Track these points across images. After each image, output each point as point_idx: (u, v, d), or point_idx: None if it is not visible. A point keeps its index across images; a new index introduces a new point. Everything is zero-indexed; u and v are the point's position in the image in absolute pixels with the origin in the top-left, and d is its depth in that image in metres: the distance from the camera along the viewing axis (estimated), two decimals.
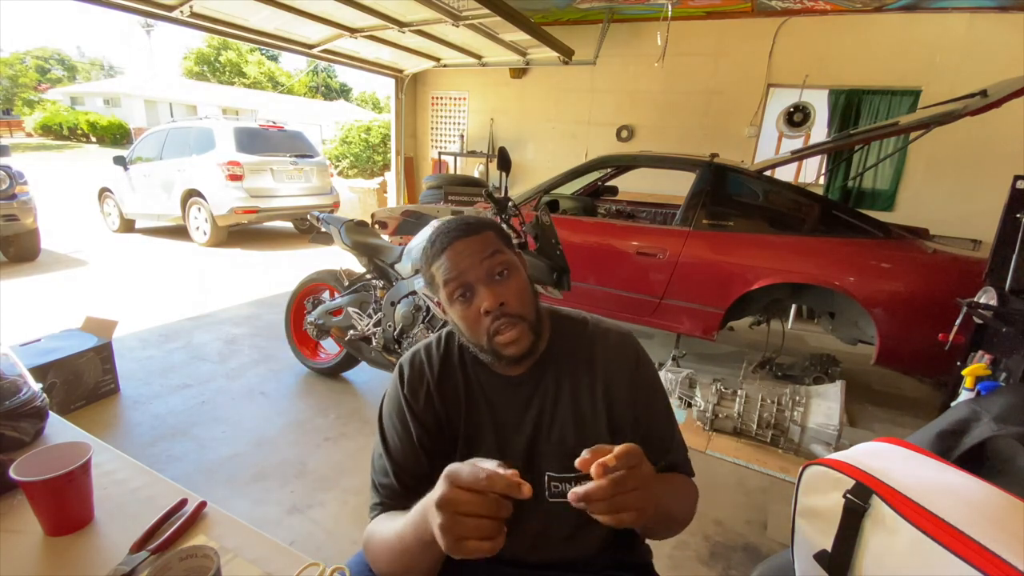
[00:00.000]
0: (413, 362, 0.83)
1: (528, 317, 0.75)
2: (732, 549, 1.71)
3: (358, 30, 4.70)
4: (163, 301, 3.88)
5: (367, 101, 32.76)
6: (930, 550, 0.60)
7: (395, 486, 0.77)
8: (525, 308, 0.75)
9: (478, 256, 0.73)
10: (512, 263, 0.76)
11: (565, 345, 0.82)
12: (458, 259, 0.73)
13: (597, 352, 0.81)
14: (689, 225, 2.90)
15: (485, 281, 0.73)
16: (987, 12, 4.14)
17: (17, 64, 29.43)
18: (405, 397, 0.80)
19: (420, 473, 0.76)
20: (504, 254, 0.75)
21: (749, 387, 2.41)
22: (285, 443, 2.17)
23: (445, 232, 0.76)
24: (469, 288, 0.74)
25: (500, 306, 0.72)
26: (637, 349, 0.83)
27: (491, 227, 0.78)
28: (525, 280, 0.78)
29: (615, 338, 0.83)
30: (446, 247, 0.74)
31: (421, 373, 0.81)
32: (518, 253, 0.80)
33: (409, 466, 0.77)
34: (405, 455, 0.78)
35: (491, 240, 0.76)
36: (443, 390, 0.80)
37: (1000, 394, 1.17)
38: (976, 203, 4.26)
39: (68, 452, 0.71)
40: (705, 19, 5.08)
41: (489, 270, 0.73)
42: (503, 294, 0.73)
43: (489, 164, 6.53)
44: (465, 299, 0.74)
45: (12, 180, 4.33)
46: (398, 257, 2.32)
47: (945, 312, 2.03)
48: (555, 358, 0.81)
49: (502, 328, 0.73)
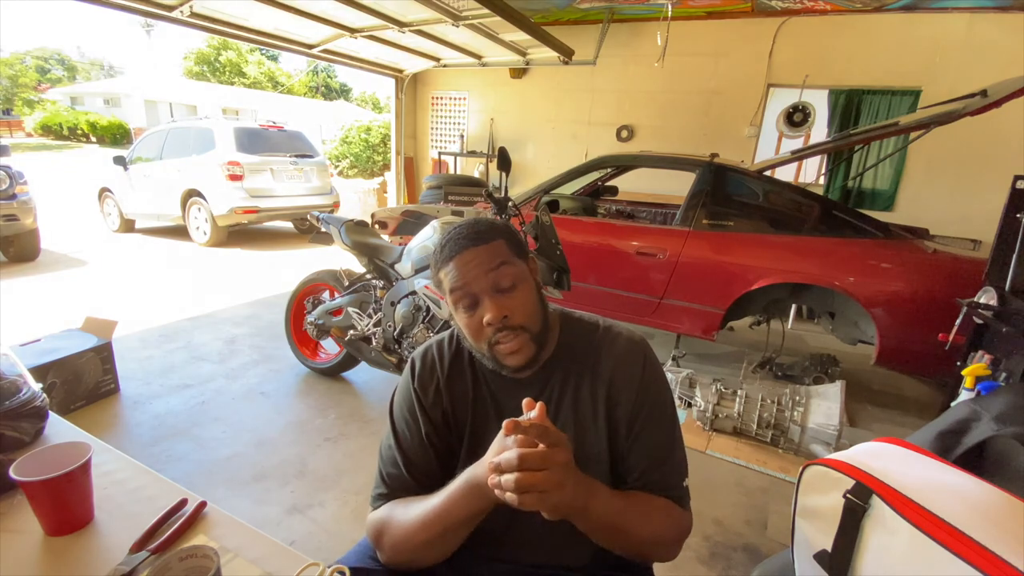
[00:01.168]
0: (425, 357, 0.84)
1: (532, 329, 0.74)
2: (732, 549, 1.71)
3: (358, 30, 4.70)
4: (163, 301, 3.87)
5: (367, 101, 32.76)
6: (930, 550, 0.60)
7: (404, 476, 0.79)
8: (529, 320, 0.74)
9: (484, 267, 0.73)
10: (520, 274, 0.75)
11: (573, 349, 0.81)
12: (465, 269, 0.73)
13: (603, 358, 0.79)
14: (689, 225, 2.90)
15: (490, 293, 0.73)
16: (987, 12, 4.14)
17: (17, 64, 29.45)
18: (415, 391, 0.82)
19: (428, 467, 0.79)
20: (512, 265, 0.75)
21: (749, 387, 2.41)
22: (285, 443, 2.17)
23: (455, 239, 0.75)
24: (474, 298, 0.74)
25: (503, 318, 0.72)
26: (645, 358, 0.79)
27: (503, 234, 0.77)
28: (532, 291, 0.77)
29: (623, 345, 0.80)
30: (454, 255, 0.74)
31: (432, 369, 0.83)
32: (531, 259, 0.80)
33: (418, 459, 0.79)
34: (414, 448, 0.80)
35: (500, 250, 0.75)
36: (452, 387, 0.82)
37: (1000, 394, 1.17)
38: (976, 203, 4.26)
39: (68, 452, 0.71)
40: (705, 19, 5.08)
41: (495, 282, 0.73)
42: (507, 306, 0.73)
43: (489, 164, 6.53)
44: (469, 308, 0.74)
45: (12, 180, 4.33)
46: (398, 257, 2.32)
47: (945, 312, 2.04)
48: (562, 362, 0.80)
49: (503, 339, 0.73)
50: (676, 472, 0.78)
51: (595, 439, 0.78)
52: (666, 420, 0.78)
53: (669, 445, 0.78)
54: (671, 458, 0.77)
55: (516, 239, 0.79)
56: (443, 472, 0.80)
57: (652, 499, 0.75)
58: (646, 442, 0.76)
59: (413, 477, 0.79)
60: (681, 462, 0.79)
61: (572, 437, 0.77)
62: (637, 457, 0.76)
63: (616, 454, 0.78)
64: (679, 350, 3.11)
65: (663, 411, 0.78)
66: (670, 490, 0.76)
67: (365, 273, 2.61)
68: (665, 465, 0.77)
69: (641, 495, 0.75)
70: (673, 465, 0.77)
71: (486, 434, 0.80)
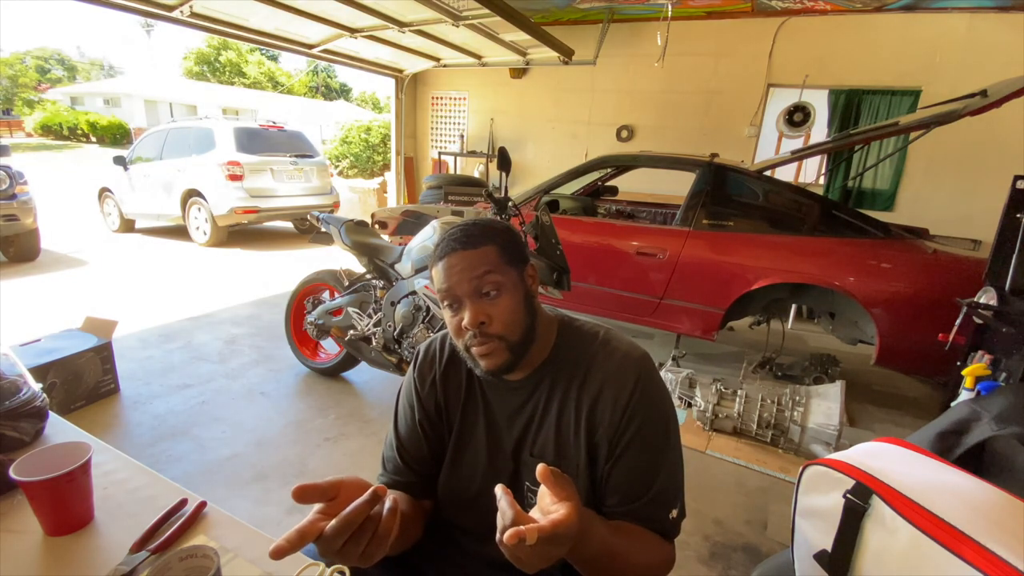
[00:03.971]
0: (428, 349, 0.89)
1: (509, 338, 0.74)
2: (732, 549, 1.71)
3: (358, 30, 4.70)
4: (163, 301, 3.87)
5: (367, 101, 32.75)
6: (930, 550, 0.60)
7: (397, 460, 0.84)
8: (507, 329, 0.74)
9: (469, 273, 0.73)
10: (507, 283, 0.74)
11: (566, 359, 0.80)
12: (450, 271, 0.74)
13: (593, 372, 0.76)
14: (689, 225, 2.90)
15: (472, 297, 0.73)
16: (987, 12, 4.14)
17: (17, 64, 29.44)
18: (415, 380, 0.86)
19: (418, 453, 0.83)
20: (497, 274, 0.74)
21: (749, 387, 2.41)
22: (285, 443, 2.17)
23: (448, 239, 0.76)
24: (457, 300, 0.75)
25: (480, 325, 0.73)
26: (639, 376, 0.74)
27: (496, 240, 0.76)
28: (517, 300, 0.75)
29: (617, 361, 0.76)
30: (443, 256, 0.75)
31: (432, 362, 0.87)
32: (529, 265, 0.79)
33: (410, 445, 0.84)
34: (407, 433, 0.85)
35: (489, 257, 0.74)
36: (447, 381, 0.85)
37: (1000, 394, 1.17)
38: (976, 203, 4.26)
39: (68, 452, 0.71)
40: (705, 19, 5.08)
41: (477, 288, 0.73)
42: (487, 313, 0.73)
43: (489, 164, 6.53)
44: (452, 309, 0.76)
45: (12, 180, 4.32)
46: (398, 257, 2.32)
47: (945, 312, 2.04)
48: (553, 370, 0.80)
49: (475, 343, 0.74)
50: (660, 503, 0.73)
51: (574, 455, 0.76)
52: (653, 447, 0.73)
53: (653, 473, 0.73)
54: (654, 487, 0.72)
55: (511, 246, 0.77)
56: (433, 461, 0.84)
57: (643, 533, 0.72)
58: (627, 466, 0.73)
59: (404, 461, 0.83)
60: (667, 492, 0.73)
61: (554, 449, 0.77)
62: (617, 481, 0.73)
63: (595, 473, 0.76)
64: (679, 350, 3.11)
65: (651, 435, 0.73)
66: (652, 522, 0.72)
67: (365, 273, 2.61)
68: (647, 495, 0.72)
69: (631, 528, 0.71)
70: (657, 495, 0.72)
71: (473, 430, 0.83)
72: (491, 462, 0.82)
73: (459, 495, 0.83)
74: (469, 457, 0.83)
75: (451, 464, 0.84)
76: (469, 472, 0.82)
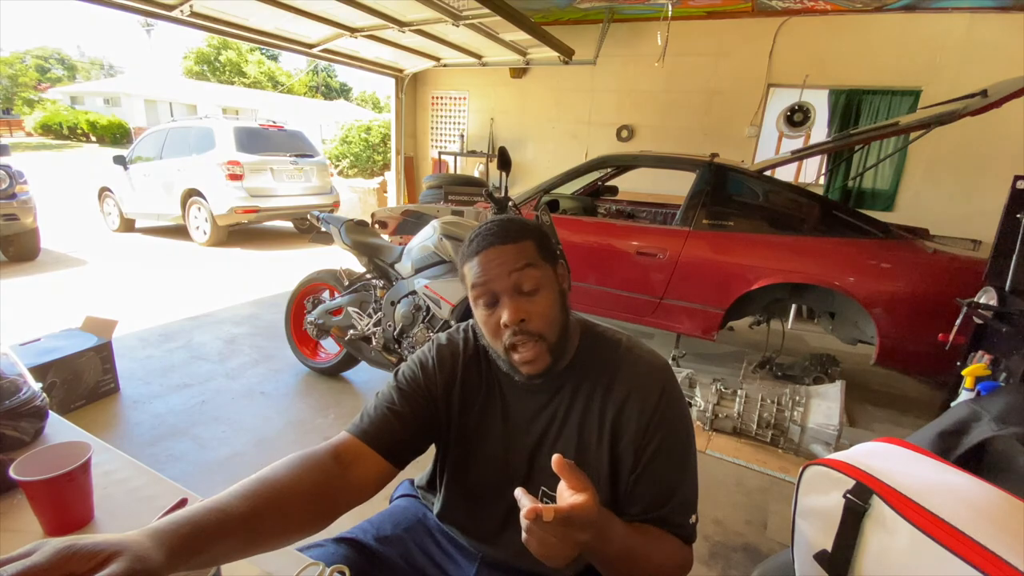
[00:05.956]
0: (451, 338, 0.84)
1: (549, 337, 0.72)
2: (732, 549, 1.71)
3: (358, 30, 4.70)
4: (163, 300, 3.87)
5: (367, 101, 32.77)
6: (930, 550, 0.60)
7: (368, 412, 0.77)
8: (547, 327, 0.72)
9: (508, 267, 0.71)
10: (544, 279, 0.73)
11: (589, 363, 0.78)
12: (488, 266, 0.71)
13: (619, 379, 0.75)
14: (689, 225, 2.90)
15: (511, 293, 0.71)
16: (987, 12, 4.14)
17: (17, 64, 29.43)
18: (433, 357, 0.81)
19: (382, 419, 0.75)
20: (537, 268, 0.72)
21: (749, 387, 2.41)
22: (285, 443, 2.17)
23: (484, 234, 0.74)
24: (494, 297, 0.72)
25: (521, 322, 0.70)
26: (664, 386, 0.74)
27: (533, 236, 0.75)
28: (555, 298, 0.74)
29: (643, 369, 0.76)
30: (480, 251, 0.73)
31: (455, 349, 0.82)
32: (560, 264, 0.78)
33: (377, 411, 0.76)
34: (381, 399, 0.78)
35: (527, 251, 0.73)
36: (468, 372, 0.81)
37: (1000, 394, 1.17)
38: (976, 203, 4.26)
39: (68, 452, 0.71)
40: (705, 19, 5.08)
41: (517, 283, 0.71)
42: (526, 310, 0.71)
43: (489, 164, 6.53)
44: (488, 306, 0.73)
45: (12, 179, 4.32)
46: (398, 257, 2.32)
47: (945, 312, 2.04)
48: (575, 375, 0.78)
49: (519, 345, 0.71)
50: (682, 510, 0.73)
51: (596, 462, 0.75)
52: (677, 455, 0.74)
53: (677, 481, 0.73)
54: (678, 494, 0.73)
55: (547, 243, 0.76)
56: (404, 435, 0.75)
57: (662, 535, 0.72)
58: (652, 477, 0.73)
59: (363, 417, 0.76)
60: (690, 498, 0.74)
61: (574, 455, 0.75)
62: (642, 491, 0.73)
63: (617, 481, 0.75)
64: (679, 350, 3.11)
65: (675, 445, 0.74)
66: (674, 528, 0.73)
67: (365, 273, 2.61)
68: (671, 502, 0.73)
69: (650, 529, 0.72)
70: (680, 502, 0.73)
71: (491, 428, 0.80)
72: (505, 463, 0.79)
73: (468, 492, 0.82)
74: (482, 456, 0.80)
75: (463, 461, 0.81)
76: (481, 471, 0.81)
